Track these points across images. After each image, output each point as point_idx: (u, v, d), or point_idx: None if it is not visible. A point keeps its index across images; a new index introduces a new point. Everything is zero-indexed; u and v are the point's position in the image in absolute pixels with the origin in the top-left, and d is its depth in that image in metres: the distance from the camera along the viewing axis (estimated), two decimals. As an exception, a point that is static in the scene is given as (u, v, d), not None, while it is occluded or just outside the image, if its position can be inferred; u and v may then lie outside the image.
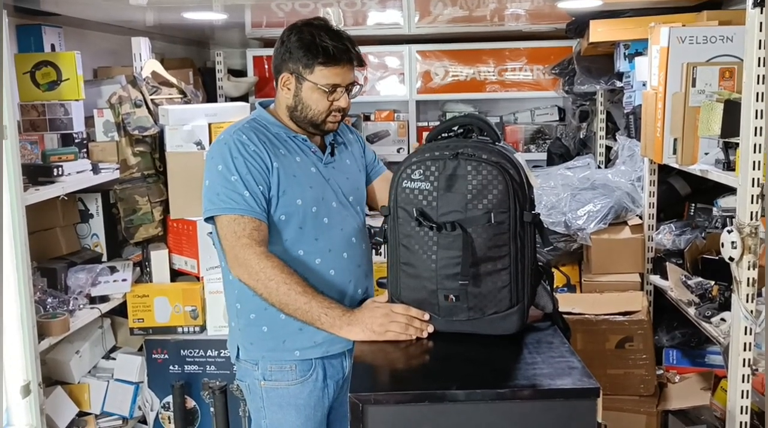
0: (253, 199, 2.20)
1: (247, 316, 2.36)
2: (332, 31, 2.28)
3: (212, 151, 2.31)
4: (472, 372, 1.82)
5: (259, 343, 2.36)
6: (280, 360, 2.35)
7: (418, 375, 1.83)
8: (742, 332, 2.45)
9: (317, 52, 2.24)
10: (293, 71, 2.29)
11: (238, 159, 2.22)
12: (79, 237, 3.82)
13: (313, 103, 2.30)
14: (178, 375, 3.76)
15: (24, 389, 2.75)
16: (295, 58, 2.27)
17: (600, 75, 4.67)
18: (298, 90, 2.30)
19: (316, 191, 2.32)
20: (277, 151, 2.29)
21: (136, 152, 3.72)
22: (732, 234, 2.39)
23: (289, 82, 2.31)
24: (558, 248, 4.00)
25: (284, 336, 2.32)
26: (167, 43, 5.15)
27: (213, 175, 2.25)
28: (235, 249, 2.19)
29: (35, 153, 3.37)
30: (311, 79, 2.27)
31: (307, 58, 2.25)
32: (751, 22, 2.28)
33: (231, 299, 2.42)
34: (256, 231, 2.19)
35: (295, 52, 2.26)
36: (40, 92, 3.58)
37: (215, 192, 2.23)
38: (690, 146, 3.02)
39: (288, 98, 2.33)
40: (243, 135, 2.27)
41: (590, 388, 1.71)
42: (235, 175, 2.21)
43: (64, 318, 3.19)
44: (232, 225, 2.20)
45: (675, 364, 3.75)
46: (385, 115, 5.69)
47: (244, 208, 2.20)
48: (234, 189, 2.20)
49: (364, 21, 4.77)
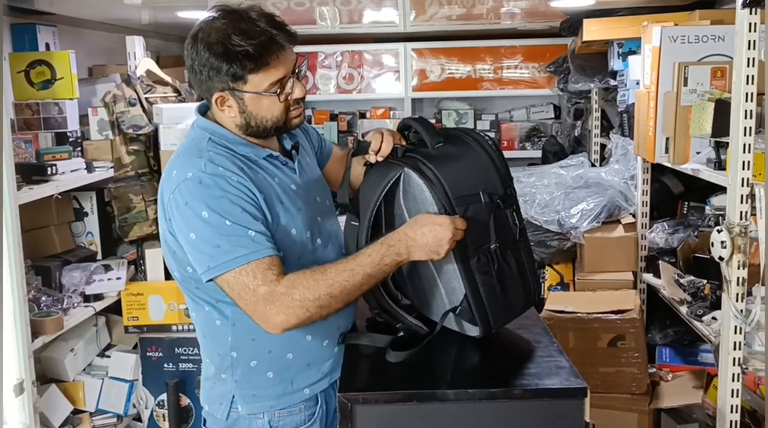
0: (260, 235, 1.80)
1: (247, 365, 2.00)
2: (242, 22, 1.84)
3: (183, 194, 1.82)
4: (460, 372, 1.84)
5: (264, 391, 2.01)
6: (290, 405, 2.03)
7: (407, 374, 1.83)
8: (732, 331, 2.47)
9: (239, 60, 1.83)
10: (224, 89, 1.88)
11: (222, 199, 1.80)
12: (74, 235, 3.81)
13: (266, 110, 1.92)
14: (173, 373, 3.77)
15: (17, 387, 2.76)
16: (219, 76, 1.86)
17: (594, 73, 4.69)
18: (242, 105, 1.91)
19: (305, 213, 1.97)
20: (257, 175, 1.90)
21: (130, 151, 3.72)
22: (722, 234, 2.40)
23: (227, 100, 1.91)
24: (551, 246, 4.02)
25: (291, 377, 2.02)
26: (162, 41, 5.16)
27: (199, 225, 1.80)
28: (259, 306, 1.78)
29: (29, 152, 3.37)
30: (250, 89, 1.88)
31: (233, 71, 1.84)
32: (741, 22, 2.29)
33: (222, 348, 2.01)
34: (270, 271, 1.78)
35: (215, 68, 1.85)
36: (34, 91, 3.58)
37: (213, 244, 1.78)
38: (682, 145, 3.03)
39: (234, 117, 1.93)
40: (216, 166, 1.84)
41: (578, 388, 1.72)
42: (229, 219, 1.79)
43: (59, 316, 3.20)
44: (240, 280, 1.78)
45: (668, 362, 3.77)
46: (381, 112, 5.71)
47: (255, 252, 1.78)
48: (234, 233, 1.78)
49: (360, 19, 4.77)
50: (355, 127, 5.88)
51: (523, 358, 1.91)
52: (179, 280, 2.01)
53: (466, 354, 1.93)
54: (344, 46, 5.53)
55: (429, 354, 1.87)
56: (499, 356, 1.91)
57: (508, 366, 1.87)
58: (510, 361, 1.89)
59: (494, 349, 1.91)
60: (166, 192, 1.88)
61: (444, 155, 1.90)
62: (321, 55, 5.53)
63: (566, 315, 3.52)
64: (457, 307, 1.89)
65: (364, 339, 2.02)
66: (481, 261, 1.86)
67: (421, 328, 1.98)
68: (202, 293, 1.96)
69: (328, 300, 1.79)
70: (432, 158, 1.88)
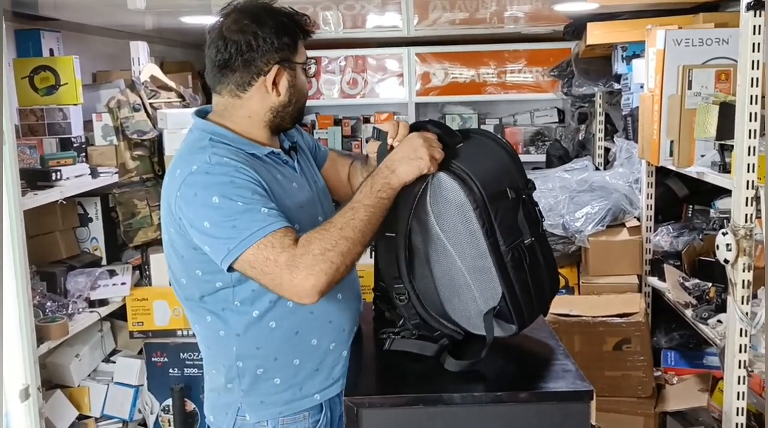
0: (272, 210, 1.77)
1: (253, 373, 1.97)
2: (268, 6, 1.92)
3: (190, 187, 1.80)
4: (466, 375, 1.83)
5: (272, 398, 1.99)
6: (297, 412, 2.01)
7: (413, 378, 1.83)
8: (738, 334, 2.46)
9: (291, 26, 1.90)
10: (281, 60, 1.90)
11: (231, 185, 1.77)
12: (79, 241, 3.82)
13: (304, 86, 1.98)
14: (178, 378, 3.76)
15: (23, 393, 2.76)
16: (278, 45, 1.88)
17: (598, 77, 4.69)
18: (293, 79, 1.93)
19: (307, 210, 1.96)
20: (260, 170, 1.87)
21: (134, 156, 3.73)
22: (727, 237, 2.40)
23: (280, 76, 1.91)
24: (556, 250, 4.01)
25: (301, 383, 2.00)
26: (166, 47, 5.17)
27: (212, 213, 1.76)
28: (285, 278, 1.71)
29: (34, 157, 3.38)
30: (299, 59, 1.94)
31: (289, 38, 1.89)
32: (745, 25, 2.29)
33: (227, 359, 1.98)
34: (287, 237, 1.73)
35: (274, 37, 1.87)
36: (38, 97, 3.59)
37: (229, 226, 1.74)
38: (686, 148, 3.02)
39: (280, 96, 1.93)
40: (221, 157, 1.82)
41: (584, 391, 1.71)
42: (240, 201, 1.75)
43: (63, 321, 3.20)
44: (261, 254, 1.72)
45: (673, 366, 3.76)
46: (385, 117, 5.71)
47: (271, 224, 1.74)
48: (248, 211, 1.75)
49: (364, 24, 4.78)
50: (359, 131, 5.89)
51: (529, 362, 1.91)
52: (181, 294, 2.00)
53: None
54: (348, 51, 5.54)
55: (435, 358, 1.86)
56: (506, 359, 1.90)
57: (514, 370, 1.87)
58: (516, 365, 1.89)
59: (501, 353, 1.90)
60: (171, 191, 1.86)
61: (468, 154, 1.87)
62: (325, 60, 5.54)
63: (571, 319, 3.51)
64: (496, 307, 1.85)
65: (413, 347, 1.95)
66: (515, 257, 1.83)
67: (459, 333, 1.95)
68: (208, 302, 1.94)
69: (345, 243, 1.74)
70: (460, 159, 1.85)
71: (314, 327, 1.99)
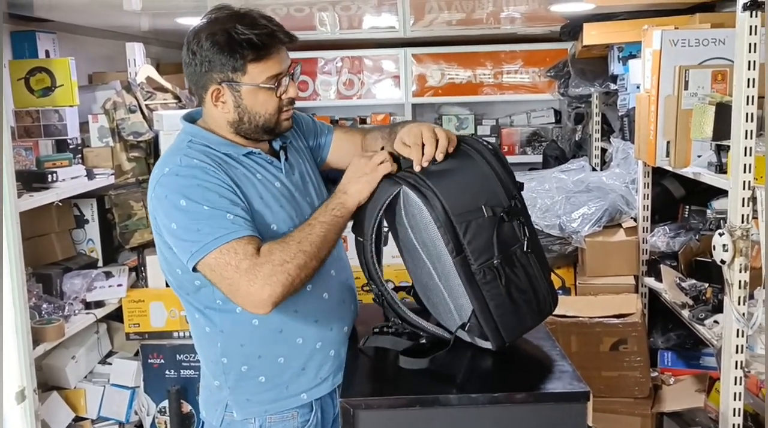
0: (239, 218, 1.82)
1: (238, 370, 2.00)
2: (244, 17, 1.89)
3: (162, 188, 1.86)
4: (463, 376, 1.83)
5: (258, 397, 2.01)
6: (284, 410, 2.03)
7: (410, 379, 1.82)
8: (734, 334, 2.46)
9: (242, 48, 1.86)
10: (222, 81, 1.90)
11: (198, 188, 1.82)
12: (75, 242, 3.82)
13: (261, 106, 1.94)
14: (174, 380, 3.76)
15: (19, 395, 2.76)
16: (219, 65, 1.88)
17: (594, 77, 4.69)
18: (238, 99, 1.92)
19: (289, 210, 1.97)
20: (235, 171, 1.92)
21: (130, 157, 3.73)
22: (723, 237, 2.40)
23: (221, 94, 1.92)
24: (552, 251, 4.01)
25: (287, 382, 2.01)
26: (162, 48, 5.16)
27: (179, 215, 1.82)
28: (243, 285, 1.77)
29: (30, 159, 3.37)
30: (248, 81, 1.90)
31: (234, 60, 1.87)
32: (741, 25, 2.29)
33: (213, 355, 2.03)
34: (250, 245, 1.79)
35: (216, 58, 1.87)
36: (34, 98, 3.58)
37: (194, 229, 1.80)
38: (683, 149, 3.02)
39: (227, 113, 1.94)
40: (191, 159, 1.88)
41: (580, 392, 1.71)
42: (206, 205, 1.81)
43: (59, 323, 3.19)
44: (222, 259, 1.78)
45: (670, 366, 3.75)
46: (381, 118, 5.70)
47: (235, 231, 1.79)
48: (213, 216, 1.80)
49: (360, 24, 4.78)
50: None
51: (525, 362, 1.91)
52: (173, 286, 2.04)
53: (469, 358, 1.92)
54: (344, 52, 5.53)
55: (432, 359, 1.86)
56: (502, 360, 1.90)
57: (510, 371, 1.86)
58: (513, 365, 1.89)
59: (497, 354, 1.90)
60: (149, 192, 1.93)
61: (443, 170, 1.85)
62: (321, 61, 5.53)
63: (568, 320, 3.51)
64: (466, 323, 1.85)
65: (386, 342, 1.98)
66: (487, 276, 1.80)
67: (443, 335, 1.95)
68: (193, 299, 1.99)
69: (302, 257, 1.81)
70: (430, 174, 1.83)
71: (299, 326, 2.01)
